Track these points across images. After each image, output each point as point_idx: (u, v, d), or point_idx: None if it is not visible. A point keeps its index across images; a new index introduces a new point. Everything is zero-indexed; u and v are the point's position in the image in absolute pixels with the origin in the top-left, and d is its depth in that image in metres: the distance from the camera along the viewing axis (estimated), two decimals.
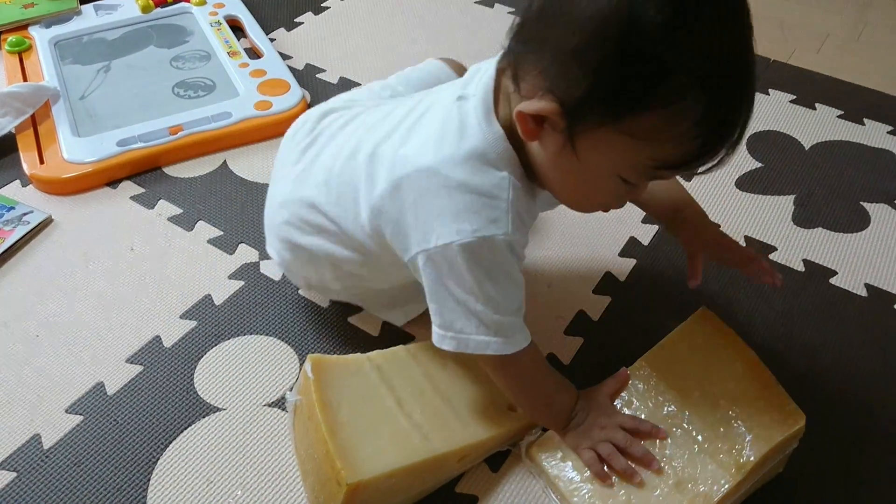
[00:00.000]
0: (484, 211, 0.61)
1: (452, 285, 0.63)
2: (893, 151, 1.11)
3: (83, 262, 0.93)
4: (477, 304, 0.63)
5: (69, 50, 1.27)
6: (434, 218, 0.62)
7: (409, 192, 0.63)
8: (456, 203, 0.61)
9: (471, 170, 0.61)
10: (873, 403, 0.79)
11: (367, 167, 0.68)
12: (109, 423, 0.76)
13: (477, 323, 0.64)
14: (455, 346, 0.65)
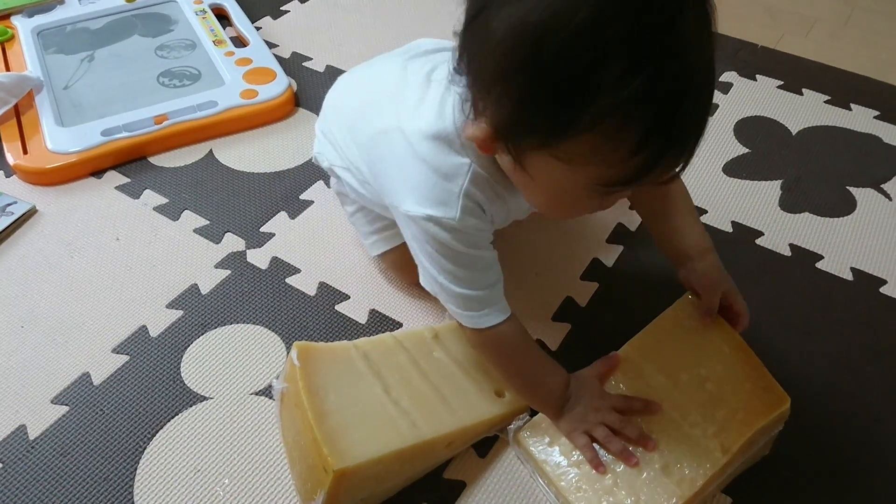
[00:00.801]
0: (435, 191, 0.63)
1: (418, 250, 0.67)
2: (880, 136, 1.12)
3: (68, 252, 0.93)
4: (439, 275, 0.66)
5: (52, 39, 1.25)
6: (399, 183, 0.65)
7: (385, 146, 0.67)
8: (416, 175, 0.63)
9: (436, 149, 0.62)
10: (858, 386, 0.79)
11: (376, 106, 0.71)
12: (96, 413, 0.76)
13: (441, 292, 0.67)
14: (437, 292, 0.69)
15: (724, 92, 1.19)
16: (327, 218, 0.97)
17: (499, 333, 0.68)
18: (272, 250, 0.93)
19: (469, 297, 0.66)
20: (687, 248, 0.76)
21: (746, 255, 0.93)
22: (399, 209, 0.66)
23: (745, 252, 0.93)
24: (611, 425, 0.68)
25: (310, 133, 1.10)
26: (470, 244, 0.65)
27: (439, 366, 0.75)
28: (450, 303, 0.68)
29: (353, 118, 0.77)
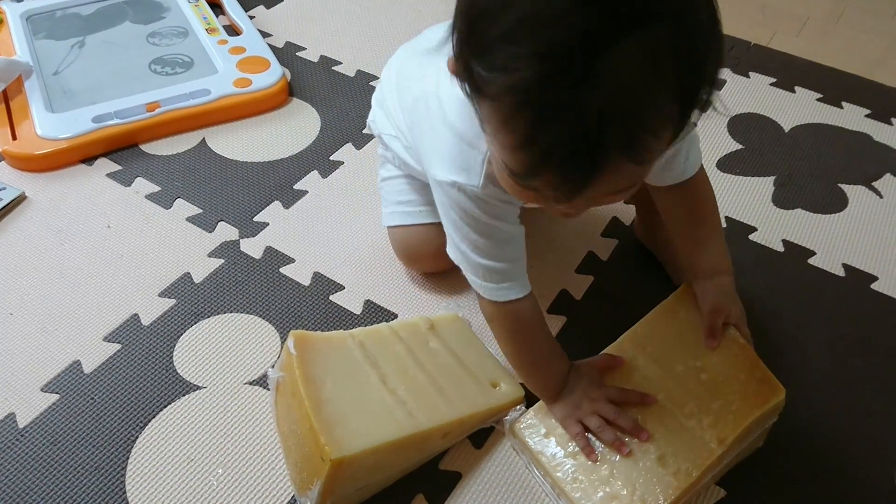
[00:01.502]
0: (461, 157, 0.62)
1: (444, 216, 0.68)
2: (870, 135, 1.13)
3: (58, 239, 0.92)
4: (461, 242, 0.66)
5: (42, 25, 1.23)
6: (431, 148, 0.66)
7: (423, 110, 0.67)
8: (444, 141, 0.63)
9: (465, 115, 0.60)
10: (849, 380, 0.80)
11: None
12: (87, 401, 0.75)
13: (463, 260, 0.67)
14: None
15: (718, 88, 1.20)
16: (322, 208, 0.97)
17: (515, 309, 0.68)
18: (266, 240, 0.92)
19: (489, 269, 0.66)
20: (702, 266, 0.75)
21: (740, 250, 0.93)
22: (429, 173, 0.66)
23: (738, 247, 0.94)
24: (604, 416, 0.68)
25: (302, 123, 1.10)
26: (493, 215, 0.64)
27: (435, 356, 0.74)
28: (470, 272, 0.68)
29: (401, 83, 0.77)
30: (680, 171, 0.72)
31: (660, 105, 0.45)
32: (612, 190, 0.51)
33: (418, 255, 0.85)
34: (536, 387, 0.72)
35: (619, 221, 0.96)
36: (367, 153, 1.04)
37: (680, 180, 0.73)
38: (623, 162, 0.46)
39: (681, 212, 0.76)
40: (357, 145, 1.06)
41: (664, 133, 0.47)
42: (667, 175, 0.72)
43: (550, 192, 0.50)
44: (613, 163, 0.46)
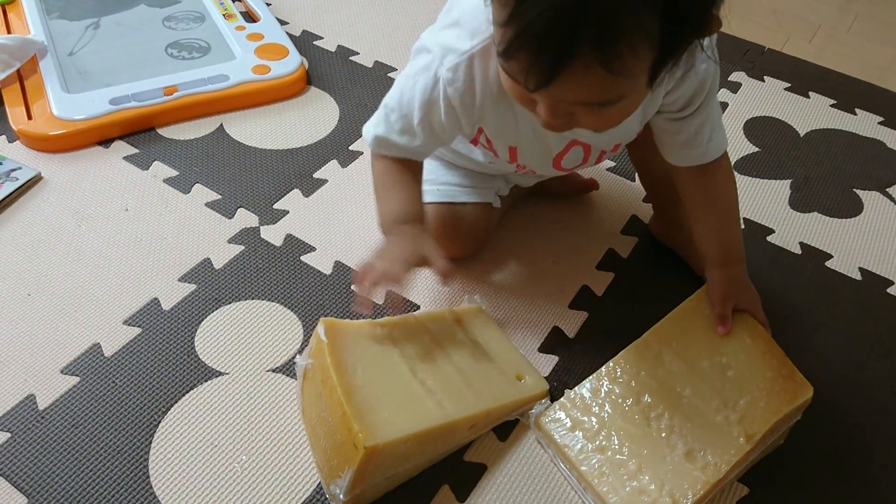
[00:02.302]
0: (450, 39, 0.65)
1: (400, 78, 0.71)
2: (884, 142, 1.14)
3: (75, 221, 0.90)
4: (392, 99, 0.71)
5: (55, 4, 1.22)
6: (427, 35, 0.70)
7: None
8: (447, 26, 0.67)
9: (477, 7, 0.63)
10: (866, 381, 0.81)
11: None
12: (108, 384, 0.74)
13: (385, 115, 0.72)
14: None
15: (734, 91, 1.21)
16: (342, 198, 0.96)
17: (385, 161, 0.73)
18: (286, 227, 0.91)
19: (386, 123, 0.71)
20: (713, 255, 0.77)
21: (758, 252, 0.94)
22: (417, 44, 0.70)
23: (756, 248, 0.94)
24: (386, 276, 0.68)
25: (321, 112, 1.09)
26: (423, 104, 0.68)
27: (462, 348, 0.74)
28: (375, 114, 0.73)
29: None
30: (702, 150, 0.73)
31: (640, 14, 0.47)
32: (582, 95, 0.53)
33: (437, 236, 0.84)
34: (380, 212, 0.74)
35: (639, 220, 0.97)
36: None
37: (701, 162, 0.74)
38: (593, 63, 0.48)
39: (699, 197, 0.77)
40: None
41: (640, 48, 0.49)
42: (688, 154, 0.73)
43: (523, 76, 0.52)
44: (583, 58, 0.48)
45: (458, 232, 0.84)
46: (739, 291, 0.75)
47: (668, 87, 0.67)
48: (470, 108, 0.67)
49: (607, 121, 0.58)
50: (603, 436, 0.69)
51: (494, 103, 0.67)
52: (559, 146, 0.73)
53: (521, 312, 0.84)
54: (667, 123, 0.72)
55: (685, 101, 0.69)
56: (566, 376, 0.78)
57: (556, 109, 0.56)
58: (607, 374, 0.73)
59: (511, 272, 0.88)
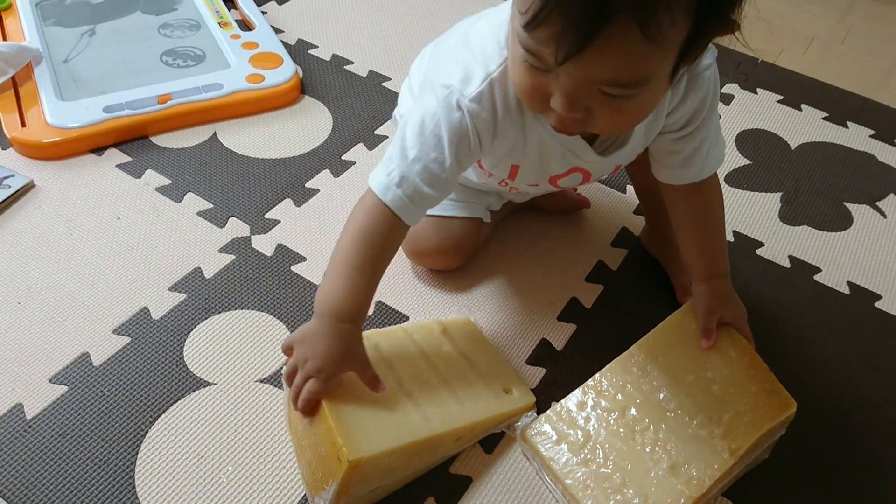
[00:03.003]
0: (466, 69, 0.63)
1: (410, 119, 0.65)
2: (875, 155, 1.14)
3: (67, 229, 0.91)
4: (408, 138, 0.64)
5: (51, 11, 1.22)
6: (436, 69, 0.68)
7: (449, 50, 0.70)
8: (457, 58, 0.65)
9: (486, 35, 0.63)
10: (852, 395, 0.81)
11: None
12: (95, 394, 0.74)
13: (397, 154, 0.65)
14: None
15: (727, 103, 1.21)
16: (334, 208, 0.96)
17: (385, 216, 0.65)
18: (277, 237, 0.92)
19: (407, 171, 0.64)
20: (700, 269, 0.77)
21: (748, 264, 0.94)
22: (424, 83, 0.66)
23: (746, 261, 0.95)
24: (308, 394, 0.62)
25: (314, 121, 1.10)
26: (452, 136, 0.63)
27: (448, 360, 0.75)
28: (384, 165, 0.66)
29: (435, 53, 0.77)
30: (698, 168, 0.73)
31: None
32: (610, 70, 0.51)
33: (424, 248, 0.85)
34: (321, 289, 0.66)
35: (629, 232, 0.97)
36: (379, 154, 1.04)
37: (696, 180, 0.74)
38: (631, 25, 0.47)
39: (689, 214, 0.77)
40: (369, 146, 1.06)
41: (679, 14, 0.48)
42: (684, 172, 0.73)
43: (553, 44, 0.49)
44: (621, 19, 0.47)
45: (446, 245, 0.84)
46: (724, 305, 0.75)
47: (671, 106, 0.67)
48: (493, 134, 0.66)
49: (624, 118, 0.57)
50: (588, 449, 0.70)
51: (512, 124, 0.66)
52: (561, 168, 0.73)
53: (509, 324, 0.84)
54: (668, 144, 0.72)
55: (687, 119, 0.69)
56: (553, 389, 0.78)
57: (576, 98, 0.54)
58: (593, 388, 0.73)
59: (500, 283, 0.89)
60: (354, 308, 0.65)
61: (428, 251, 0.85)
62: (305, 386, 0.63)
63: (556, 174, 0.74)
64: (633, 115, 0.58)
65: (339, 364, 0.64)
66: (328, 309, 0.65)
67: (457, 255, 0.87)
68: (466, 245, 0.86)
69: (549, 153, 0.70)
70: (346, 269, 0.65)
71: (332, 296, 0.65)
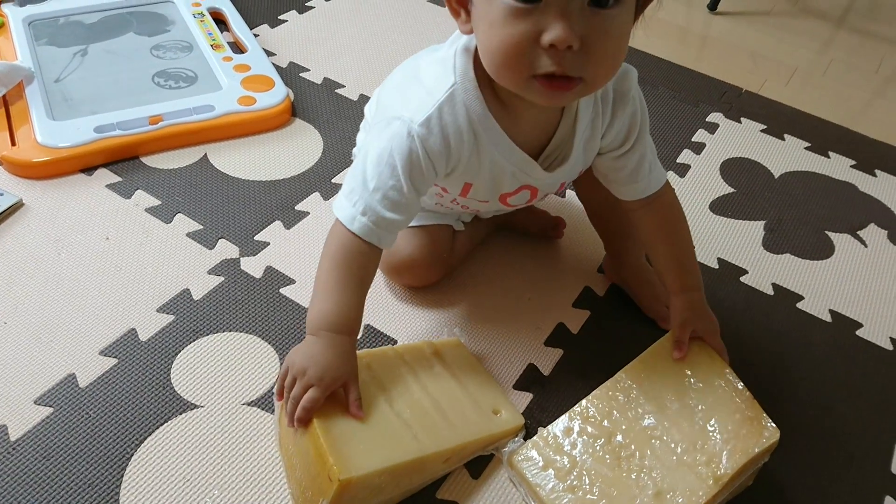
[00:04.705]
0: (416, 101, 0.67)
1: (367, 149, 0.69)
2: (856, 185, 1.17)
3: (55, 248, 0.91)
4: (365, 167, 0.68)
5: (44, 31, 1.23)
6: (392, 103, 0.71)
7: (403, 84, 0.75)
8: (408, 93, 0.70)
9: (434, 69, 0.69)
10: (836, 424, 0.82)
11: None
12: (81, 416, 0.74)
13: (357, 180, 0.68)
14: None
15: (711, 132, 1.23)
16: (323, 231, 0.94)
17: (355, 245, 0.68)
18: (267, 259, 0.92)
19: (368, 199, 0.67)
20: (672, 283, 0.80)
21: (731, 292, 0.96)
22: (377, 120, 0.69)
23: (730, 289, 0.96)
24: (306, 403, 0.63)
25: (305, 144, 1.11)
26: (405, 164, 0.66)
27: (439, 381, 0.75)
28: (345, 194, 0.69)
29: (383, 90, 0.81)
30: (645, 183, 0.77)
31: None
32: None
33: (400, 262, 0.86)
34: (311, 309, 0.69)
35: None
36: None
37: (647, 194, 0.78)
38: None
39: (652, 227, 0.80)
40: None
41: None
42: (634, 187, 0.78)
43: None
44: None
45: (422, 255, 0.85)
46: (698, 317, 0.78)
47: (604, 128, 0.73)
48: (447, 157, 0.69)
49: (611, 46, 0.59)
50: (574, 475, 0.70)
51: (464, 146, 0.69)
52: (511, 187, 0.76)
53: (497, 348, 0.85)
54: (610, 161, 0.77)
55: (623, 138, 0.74)
56: (540, 414, 0.79)
57: (572, 14, 0.56)
58: (580, 414, 0.74)
59: (487, 308, 0.89)
60: (348, 320, 0.69)
61: (404, 264, 0.86)
62: (305, 395, 0.64)
63: (506, 192, 0.77)
64: (617, 45, 0.60)
65: (339, 372, 0.66)
66: (323, 323, 0.67)
67: (433, 267, 0.87)
68: (441, 253, 0.87)
69: (500, 173, 0.73)
70: (331, 289, 0.69)
71: (324, 312, 0.68)
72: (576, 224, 1.00)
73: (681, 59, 1.42)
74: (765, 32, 1.57)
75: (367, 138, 0.70)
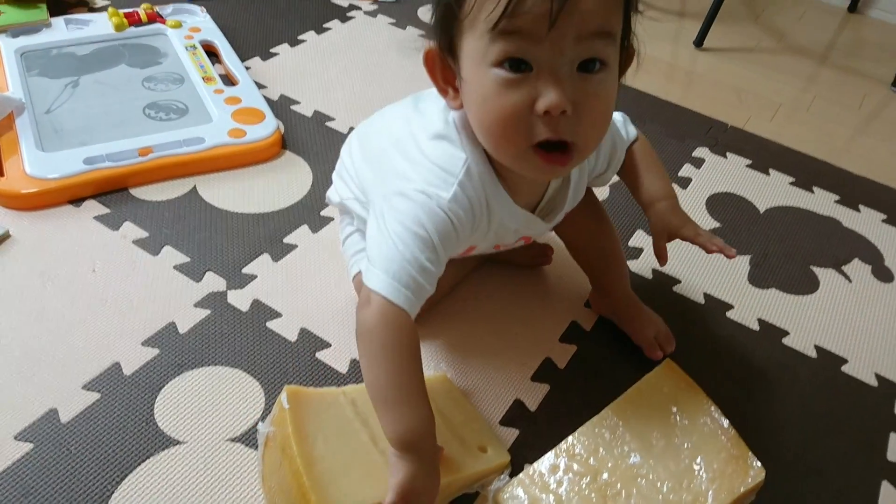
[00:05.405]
0: (437, 178, 0.67)
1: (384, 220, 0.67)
2: (839, 220, 1.18)
3: (41, 281, 0.90)
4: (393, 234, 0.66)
5: (36, 62, 1.24)
6: (400, 177, 0.69)
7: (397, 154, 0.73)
8: (421, 171, 0.68)
9: (440, 147, 0.69)
10: (822, 461, 0.82)
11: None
12: (62, 452, 0.73)
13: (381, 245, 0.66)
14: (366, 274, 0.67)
15: (697, 167, 1.25)
16: (311, 263, 0.97)
17: (404, 321, 0.64)
18: (254, 292, 0.92)
19: (407, 270, 0.64)
20: (643, 200, 0.82)
21: (718, 327, 0.96)
22: (389, 190, 0.68)
23: (716, 324, 0.96)
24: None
25: (294, 177, 1.11)
26: (442, 237, 0.66)
27: None
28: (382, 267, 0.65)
29: (364, 143, 0.82)
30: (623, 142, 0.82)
31: None
32: (589, 26, 0.57)
33: None
34: (397, 421, 0.63)
35: None
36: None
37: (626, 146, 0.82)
38: None
39: (635, 164, 0.83)
40: None
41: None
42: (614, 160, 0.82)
43: (538, 19, 0.55)
44: None
45: None
46: (669, 221, 0.79)
47: (590, 166, 0.78)
48: (472, 228, 0.71)
49: (600, 108, 0.61)
50: None
51: (483, 216, 0.71)
52: (511, 240, 0.79)
53: (483, 384, 0.85)
54: (593, 179, 0.82)
55: (606, 163, 0.80)
56: (526, 450, 0.78)
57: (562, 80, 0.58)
58: (566, 451, 0.74)
59: (474, 343, 0.89)
60: (432, 427, 0.65)
61: None
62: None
63: (506, 245, 0.81)
64: (605, 108, 0.62)
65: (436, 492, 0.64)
66: (415, 438, 0.63)
67: None
68: None
69: (505, 232, 0.76)
70: (405, 385, 0.64)
71: (413, 426, 0.63)
72: (563, 256, 1.00)
73: (667, 94, 1.44)
74: (750, 69, 1.60)
75: (383, 208, 0.67)
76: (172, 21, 1.36)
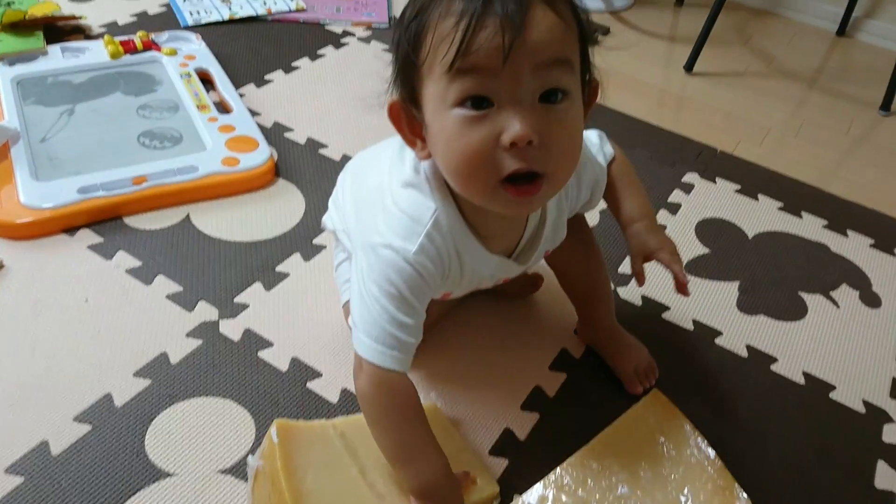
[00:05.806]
0: (403, 229, 0.68)
1: (359, 279, 0.69)
2: (828, 245, 1.19)
3: (33, 311, 0.91)
4: (370, 299, 0.67)
5: (32, 90, 1.25)
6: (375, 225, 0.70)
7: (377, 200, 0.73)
8: (391, 219, 0.69)
9: (409, 196, 0.69)
10: (810, 490, 0.82)
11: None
12: (52, 486, 0.73)
13: (364, 316, 0.67)
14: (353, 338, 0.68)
15: (687, 192, 1.26)
16: (303, 292, 0.98)
17: (397, 381, 0.67)
18: (245, 322, 0.93)
19: (388, 330, 0.66)
20: (621, 220, 0.82)
21: (706, 354, 0.97)
22: (364, 241, 0.69)
23: (705, 350, 0.97)
24: None
25: (287, 204, 1.12)
26: (413, 289, 0.67)
27: None
28: (364, 331, 0.67)
29: (356, 178, 0.83)
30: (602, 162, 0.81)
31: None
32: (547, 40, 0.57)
33: None
34: (412, 478, 0.68)
35: None
36: None
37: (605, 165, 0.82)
38: (546, 10, 0.57)
39: (614, 182, 0.83)
40: None
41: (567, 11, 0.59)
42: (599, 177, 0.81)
43: (498, 37, 0.56)
44: (539, 8, 0.57)
45: None
46: (645, 243, 0.79)
47: (570, 201, 0.78)
48: (442, 276, 0.71)
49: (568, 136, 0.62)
50: None
51: (452, 263, 0.71)
52: (489, 284, 0.80)
53: (473, 413, 0.85)
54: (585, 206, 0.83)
55: (588, 196, 0.80)
56: (516, 480, 0.79)
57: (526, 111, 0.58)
58: (554, 482, 0.74)
59: (464, 371, 0.90)
60: (447, 469, 0.69)
61: None
62: None
63: (484, 287, 0.82)
64: (572, 138, 0.63)
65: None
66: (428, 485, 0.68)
67: None
68: None
69: (480, 278, 0.76)
70: (415, 450, 0.69)
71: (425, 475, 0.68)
72: (553, 284, 1.01)
73: (658, 119, 1.46)
74: (739, 93, 1.62)
75: (362, 265, 0.69)
76: (168, 49, 1.38)
